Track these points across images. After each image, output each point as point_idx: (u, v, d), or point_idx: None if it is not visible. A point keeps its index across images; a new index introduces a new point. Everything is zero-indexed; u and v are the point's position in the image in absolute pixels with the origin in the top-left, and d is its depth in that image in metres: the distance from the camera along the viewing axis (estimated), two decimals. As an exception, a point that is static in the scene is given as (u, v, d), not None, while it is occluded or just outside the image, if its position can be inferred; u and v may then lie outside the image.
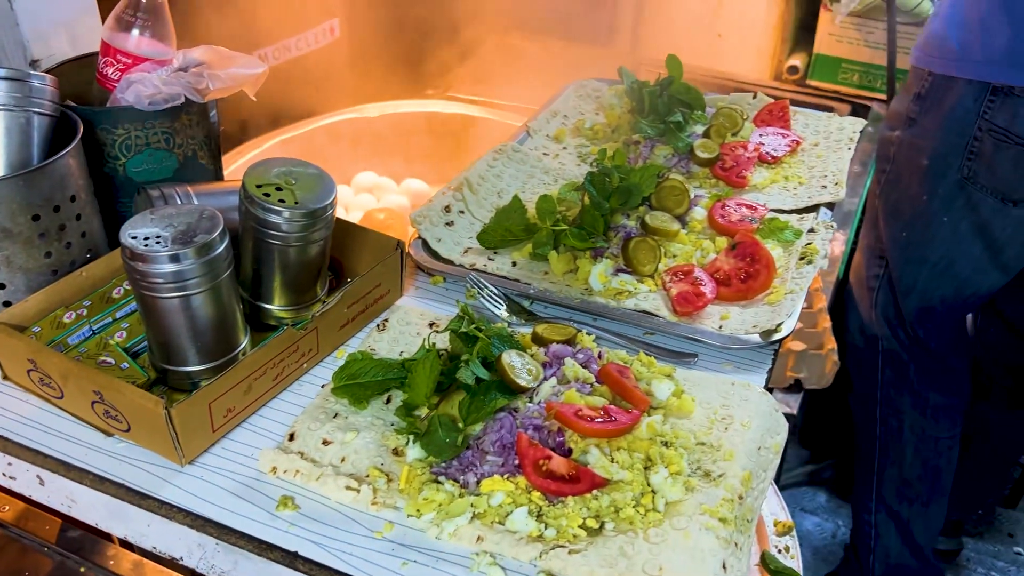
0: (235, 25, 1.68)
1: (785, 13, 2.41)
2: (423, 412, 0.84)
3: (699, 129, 1.32)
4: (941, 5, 1.43)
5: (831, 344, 1.54)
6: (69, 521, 1.33)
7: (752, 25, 2.47)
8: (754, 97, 1.39)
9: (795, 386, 1.59)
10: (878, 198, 1.56)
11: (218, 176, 1.11)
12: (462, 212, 1.14)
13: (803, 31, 2.44)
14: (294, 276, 0.91)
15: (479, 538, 0.74)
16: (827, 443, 2.22)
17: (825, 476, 2.28)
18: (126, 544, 1.21)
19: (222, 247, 0.81)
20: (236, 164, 1.69)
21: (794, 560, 1.32)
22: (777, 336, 0.94)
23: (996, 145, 1.34)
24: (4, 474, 0.86)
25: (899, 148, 1.48)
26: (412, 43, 2.31)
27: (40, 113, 0.92)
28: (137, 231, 0.79)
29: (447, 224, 1.11)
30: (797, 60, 2.41)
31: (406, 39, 2.25)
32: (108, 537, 1.23)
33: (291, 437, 0.83)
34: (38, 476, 0.84)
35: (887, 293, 1.59)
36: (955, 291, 1.52)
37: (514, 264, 1.07)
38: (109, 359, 0.86)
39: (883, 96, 2.19)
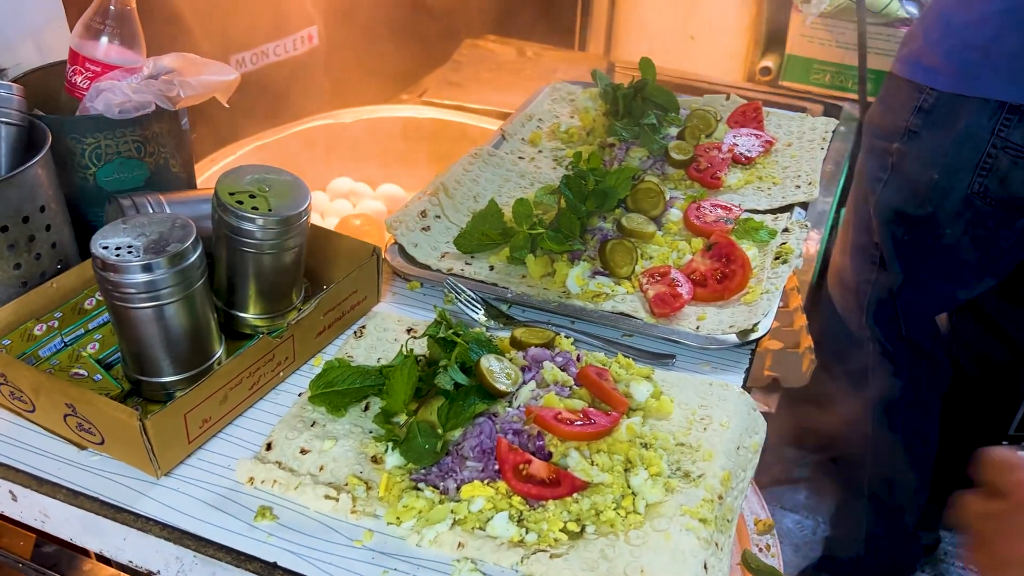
0: (214, 30, 1.67)
1: (757, 15, 2.43)
2: (401, 419, 0.84)
3: (673, 131, 1.32)
4: (930, 23, 1.43)
5: (808, 342, 1.55)
6: (44, 536, 1.31)
7: (724, 27, 2.49)
8: (727, 99, 1.40)
9: (773, 385, 1.60)
10: (873, 204, 1.57)
11: (191, 184, 1.10)
12: (438, 217, 1.13)
13: (775, 32, 2.46)
14: (269, 284, 0.91)
15: (460, 544, 0.73)
16: (805, 440, 2.24)
17: (803, 474, 2.30)
18: (102, 559, 1.19)
19: (195, 256, 0.80)
20: (209, 172, 1.68)
21: (775, 558, 1.33)
22: (754, 336, 0.94)
23: (1013, 162, 1.36)
24: (-25, 490, 0.85)
25: (900, 159, 1.48)
26: (386, 48, 2.31)
27: (7, 123, 0.91)
28: (108, 241, 0.78)
29: (423, 229, 1.11)
30: (769, 61, 2.43)
31: (380, 44, 2.24)
32: (84, 552, 1.21)
33: (268, 447, 0.82)
34: (10, 491, 0.82)
35: (881, 295, 1.60)
36: (951, 293, 1.55)
37: (491, 268, 1.06)
38: (82, 371, 0.85)
39: (855, 96, 2.21)
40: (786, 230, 1.12)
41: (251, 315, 0.93)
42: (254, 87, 1.82)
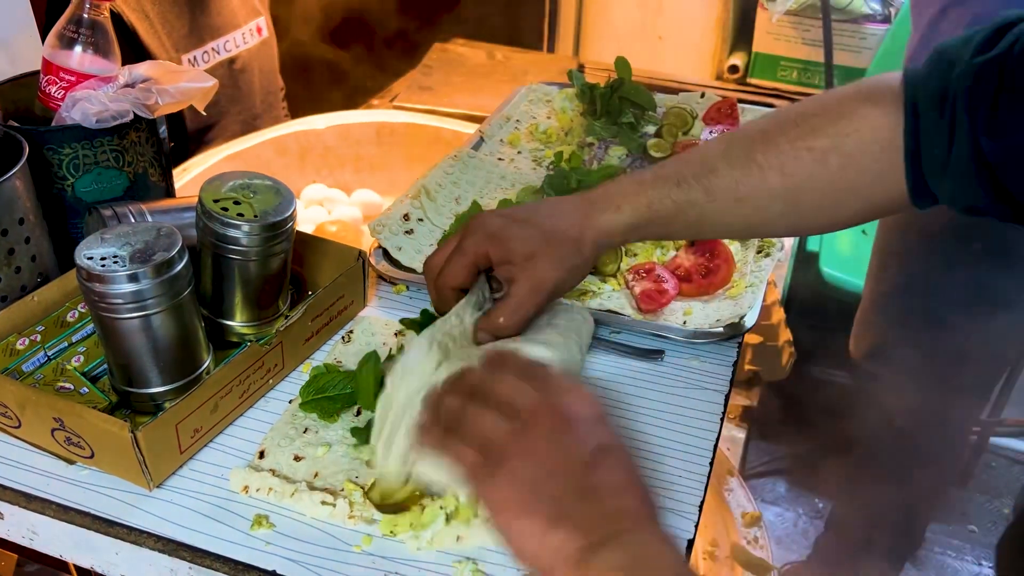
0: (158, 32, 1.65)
1: (723, 13, 2.46)
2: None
3: (651, 129, 1.33)
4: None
5: (787, 336, 1.57)
6: (27, 555, 1.29)
7: (692, 26, 2.52)
8: (702, 96, 1.41)
9: (753, 379, 1.62)
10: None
11: (170, 193, 1.08)
12: (421, 220, 1.13)
13: (742, 31, 2.49)
14: (256, 291, 0.90)
15: (459, 537, 0.73)
16: (784, 433, 2.26)
17: (783, 466, 2.32)
18: (84, 574, 1.17)
19: (182, 264, 0.79)
20: (183, 181, 1.66)
21: (763, 550, 1.35)
22: (740, 329, 0.95)
23: None
24: (-40, 509, 0.83)
25: None
26: (355, 53, 2.30)
27: (-18, 135, 0.90)
28: (93, 251, 0.77)
29: (407, 232, 1.10)
30: (737, 59, 2.46)
31: (348, 49, 2.24)
32: (65, 568, 1.19)
33: (261, 455, 0.82)
34: (-3, 509, 0.81)
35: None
36: None
37: (476, 270, 1.06)
38: (68, 384, 0.84)
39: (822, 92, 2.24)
40: (766, 224, 1.13)
41: (238, 323, 0.92)
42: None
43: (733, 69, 2.46)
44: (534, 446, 0.58)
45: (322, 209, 1.82)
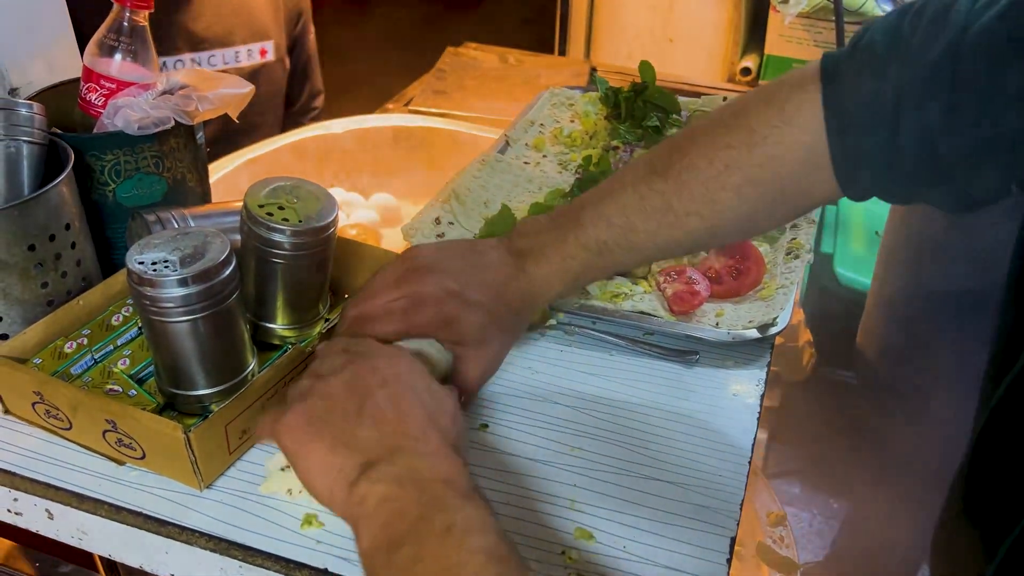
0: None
1: (735, 16, 2.48)
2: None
3: (675, 132, 1.34)
4: None
5: (807, 336, 1.58)
6: (55, 554, 1.30)
7: (703, 29, 2.53)
8: (724, 99, 1.42)
9: (774, 379, 1.63)
10: None
11: (206, 198, 1.10)
12: (451, 223, 1.15)
13: (754, 33, 2.50)
14: (298, 294, 0.91)
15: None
16: (803, 434, 2.27)
17: (801, 467, 2.33)
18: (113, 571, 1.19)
19: (230, 269, 0.80)
20: (206, 185, 1.67)
21: (789, 548, 1.36)
22: (773, 330, 0.96)
23: None
24: (9, 510, 0.84)
25: None
26: (370, 56, 2.31)
27: (30, 142, 0.91)
28: (144, 256, 0.78)
29: (438, 236, 1.12)
30: (749, 62, 2.47)
31: (362, 51, 2.25)
32: (94, 567, 1.20)
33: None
34: (47, 510, 0.82)
35: None
36: None
37: (508, 272, 1.08)
38: (116, 387, 0.85)
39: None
40: (794, 226, 1.14)
41: (279, 326, 0.93)
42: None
43: (745, 71, 2.47)
44: (327, 389, 0.66)
45: (342, 213, 1.84)
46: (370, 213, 1.85)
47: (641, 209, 0.80)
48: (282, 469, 0.79)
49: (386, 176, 1.96)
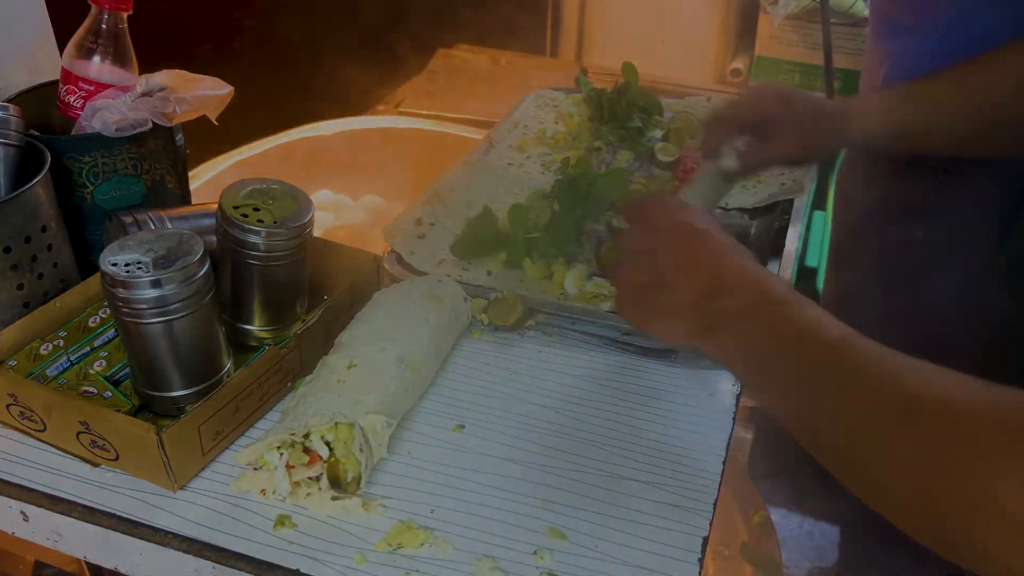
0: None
1: (726, 17, 2.48)
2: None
3: (658, 133, 1.35)
4: None
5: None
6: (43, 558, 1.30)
7: (694, 30, 2.54)
8: (708, 100, 1.43)
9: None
10: None
11: (186, 200, 1.10)
12: (433, 224, 1.15)
13: (744, 34, 2.51)
14: (274, 295, 0.91)
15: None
16: (786, 435, 2.27)
17: (789, 467, 2.33)
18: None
19: (204, 270, 0.81)
20: (192, 187, 1.67)
21: (772, 548, 1.36)
22: (751, 330, 0.96)
23: None
24: (-15, 512, 0.84)
25: None
26: (359, 58, 2.31)
27: (5, 144, 0.91)
28: (117, 257, 0.79)
29: (419, 237, 1.12)
30: (739, 63, 2.48)
31: (352, 54, 2.25)
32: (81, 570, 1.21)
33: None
34: (22, 512, 0.82)
35: None
36: None
37: (489, 273, 1.08)
38: (91, 388, 0.85)
39: (822, 95, 2.26)
40: (781, 232, 1.14)
41: (256, 327, 0.93)
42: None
43: (736, 72, 2.47)
44: (642, 263, 0.75)
45: (329, 214, 1.84)
46: (359, 214, 1.86)
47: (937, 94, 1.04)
48: (255, 468, 0.79)
49: (375, 178, 1.96)
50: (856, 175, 1.65)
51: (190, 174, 1.72)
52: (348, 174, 1.97)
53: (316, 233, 1.68)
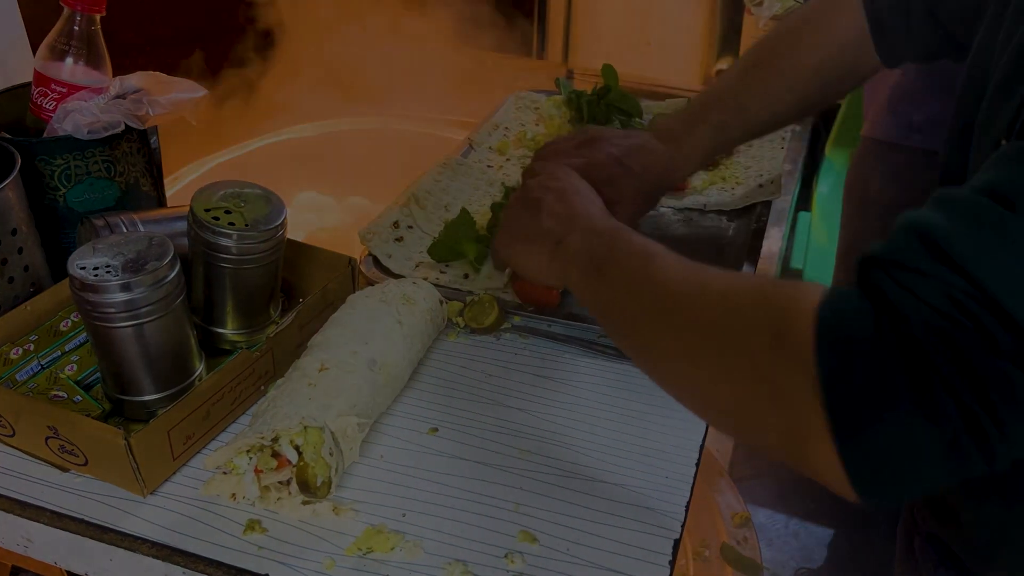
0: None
1: (711, 19, 2.48)
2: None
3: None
4: None
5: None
6: (21, 564, 1.29)
7: (680, 32, 2.53)
8: (688, 102, 1.42)
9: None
10: None
11: (161, 203, 1.09)
12: (411, 227, 1.14)
13: (729, 36, 2.51)
14: (247, 299, 0.91)
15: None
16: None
17: (773, 468, 2.33)
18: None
19: (174, 273, 0.80)
20: (174, 189, 1.67)
21: (753, 549, 1.36)
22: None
23: None
24: (-45, 519, 0.84)
25: None
26: (342, 59, 2.30)
27: (-25, 146, 0.90)
28: (86, 261, 0.78)
29: (396, 239, 1.12)
30: (724, 64, 2.48)
31: (335, 54, 2.24)
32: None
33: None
34: (-9, 518, 0.82)
35: None
36: None
37: (466, 276, 1.08)
38: (61, 393, 0.85)
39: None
40: (767, 237, 1.15)
41: (229, 331, 0.93)
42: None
43: (721, 74, 2.47)
44: (514, 210, 0.90)
45: (314, 216, 1.84)
46: (343, 216, 1.86)
47: (748, 91, 1.03)
48: (224, 472, 0.79)
49: (360, 179, 1.96)
50: (868, 177, 1.67)
51: (173, 176, 1.72)
52: (332, 175, 1.97)
53: (299, 235, 1.68)
